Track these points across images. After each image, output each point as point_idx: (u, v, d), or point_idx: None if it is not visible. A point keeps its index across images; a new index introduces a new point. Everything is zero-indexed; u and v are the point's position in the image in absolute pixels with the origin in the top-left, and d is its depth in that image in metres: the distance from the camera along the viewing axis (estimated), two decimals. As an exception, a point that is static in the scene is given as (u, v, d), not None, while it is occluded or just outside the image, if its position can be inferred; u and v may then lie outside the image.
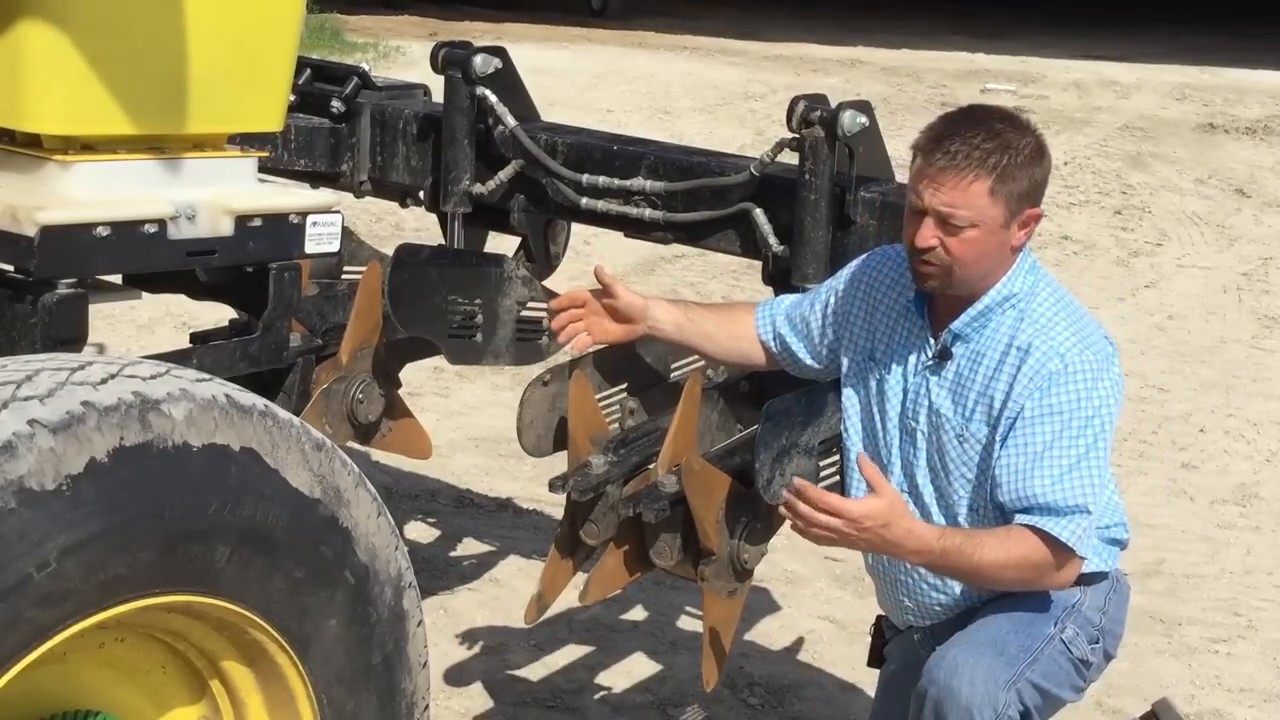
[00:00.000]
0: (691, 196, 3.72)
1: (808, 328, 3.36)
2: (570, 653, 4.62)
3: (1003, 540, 3.01)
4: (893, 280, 3.25)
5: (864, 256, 3.34)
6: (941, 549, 3.00)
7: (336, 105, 4.13)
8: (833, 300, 3.32)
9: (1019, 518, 3.01)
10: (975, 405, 3.09)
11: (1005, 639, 3.05)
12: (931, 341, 3.15)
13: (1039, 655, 3.06)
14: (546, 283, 4.04)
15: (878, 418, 3.22)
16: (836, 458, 3.35)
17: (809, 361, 3.38)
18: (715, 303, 3.50)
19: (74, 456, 2.22)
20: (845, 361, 3.29)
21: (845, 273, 3.35)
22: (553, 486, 3.39)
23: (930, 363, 3.15)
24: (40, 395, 2.25)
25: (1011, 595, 3.17)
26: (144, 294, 3.27)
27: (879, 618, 3.48)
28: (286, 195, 3.21)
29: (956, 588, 3.20)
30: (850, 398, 3.28)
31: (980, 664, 2.99)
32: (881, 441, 3.22)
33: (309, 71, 4.18)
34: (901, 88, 12.99)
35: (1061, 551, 3.00)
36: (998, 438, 3.05)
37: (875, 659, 3.50)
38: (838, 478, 3.36)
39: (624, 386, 3.61)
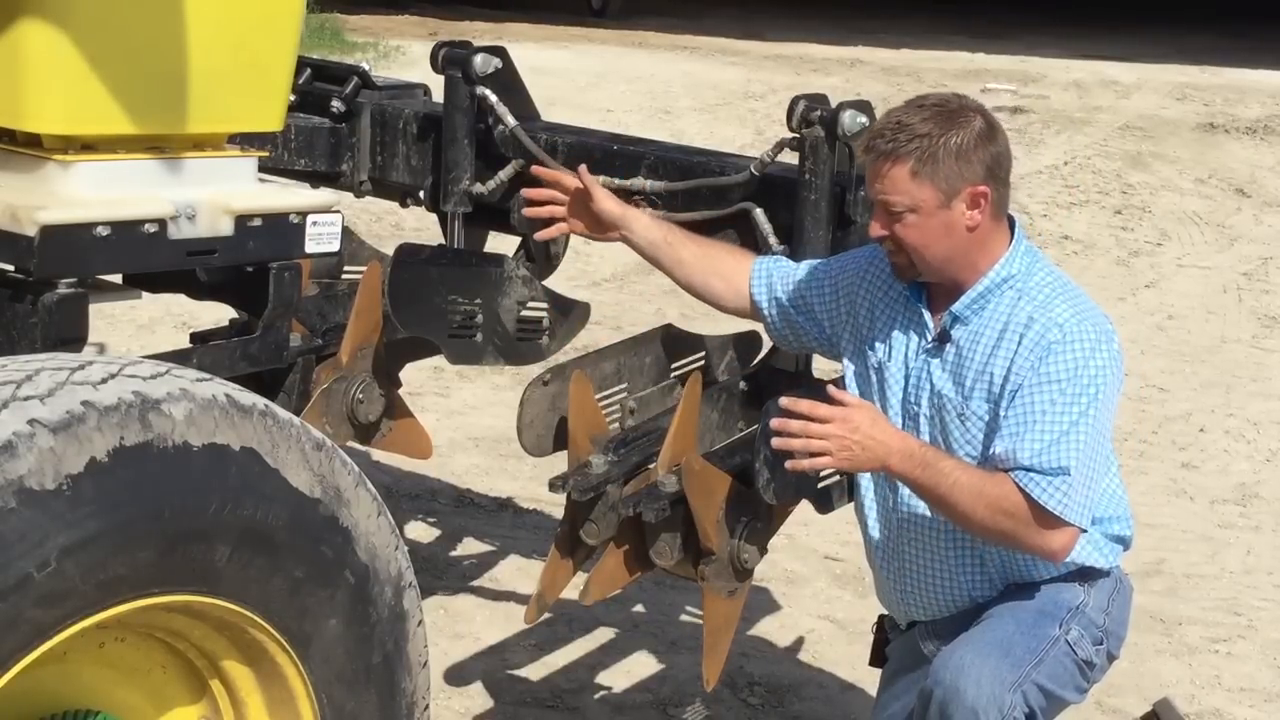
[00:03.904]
0: (691, 196, 3.72)
1: (807, 304, 3.37)
2: (570, 653, 4.61)
3: (984, 476, 3.03)
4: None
5: (870, 246, 3.35)
6: (923, 456, 3.01)
7: (336, 105, 4.13)
8: (842, 280, 3.33)
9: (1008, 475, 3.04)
10: (975, 383, 3.10)
11: (1011, 640, 3.06)
12: (930, 325, 3.17)
13: (1044, 657, 3.06)
14: (546, 283, 4.04)
15: (879, 404, 3.22)
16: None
17: (808, 339, 3.39)
18: (700, 237, 3.50)
19: (74, 456, 2.22)
20: (848, 346, 3.31)
21: (849, 257, 3.37)
22: (553, 486, 3.39)
23: (930, 346, 3.17)
24: (40, 395, 2.25)
25: (1017, 594, 3.17)
26: (144, 294, 3.27)
27: (881, 617, 3.48)
28: (286, 195, 3.21)
29: (962, 577, 3.20)
30: (853, 385, 3.29)
31: (986, 665, 2.99)
32: None
33: (309, 71, 4.18)
34: (901, 88, 12.97)
35: (1043, 514, 3.00)
36: (1001, 413, 3.06)
37: (877, 658, 3.50)
38: (838, 477, 3.37)
39: (624, 386, 3.61)
